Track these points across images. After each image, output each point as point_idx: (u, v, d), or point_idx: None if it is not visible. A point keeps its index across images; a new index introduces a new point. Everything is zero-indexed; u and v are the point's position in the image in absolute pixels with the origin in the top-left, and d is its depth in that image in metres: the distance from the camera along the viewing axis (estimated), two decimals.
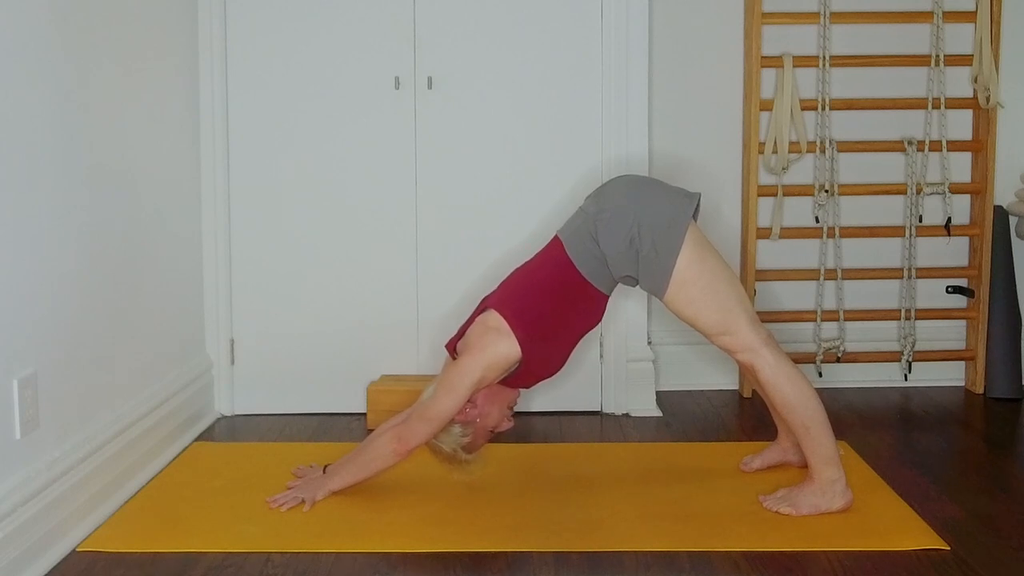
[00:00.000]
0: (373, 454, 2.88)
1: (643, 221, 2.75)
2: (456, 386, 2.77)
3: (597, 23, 3.74)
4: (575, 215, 2.92)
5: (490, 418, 2.89)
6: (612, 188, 2.90)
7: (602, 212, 2.80)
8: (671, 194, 2.84)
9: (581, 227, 2.83)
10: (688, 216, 2.79)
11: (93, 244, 2.86)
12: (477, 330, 2.82)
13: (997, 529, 2.73)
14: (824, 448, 2.79)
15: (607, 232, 2.78)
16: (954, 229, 4.05)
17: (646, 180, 2.90)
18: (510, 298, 2.84)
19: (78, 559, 2.56)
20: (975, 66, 3.93)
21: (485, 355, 2.77)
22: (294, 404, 3.83)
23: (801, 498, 2.79)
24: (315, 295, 3.81)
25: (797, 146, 3.98)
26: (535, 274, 2.88)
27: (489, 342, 2.78)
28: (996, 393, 4.00)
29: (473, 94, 3.76)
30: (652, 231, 2.75)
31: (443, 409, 2.78)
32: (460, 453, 2.87)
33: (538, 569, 2.50)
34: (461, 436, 2.86)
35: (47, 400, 2.58)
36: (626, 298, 3.77)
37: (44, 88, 2.60)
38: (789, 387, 2.78)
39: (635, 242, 2.75)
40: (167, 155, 3.47)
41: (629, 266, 2.79)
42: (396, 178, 3.78)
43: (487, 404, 2.87)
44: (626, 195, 2.83)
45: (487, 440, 2.95)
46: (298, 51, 3.74)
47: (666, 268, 2.75)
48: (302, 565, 2.52)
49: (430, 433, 2.81)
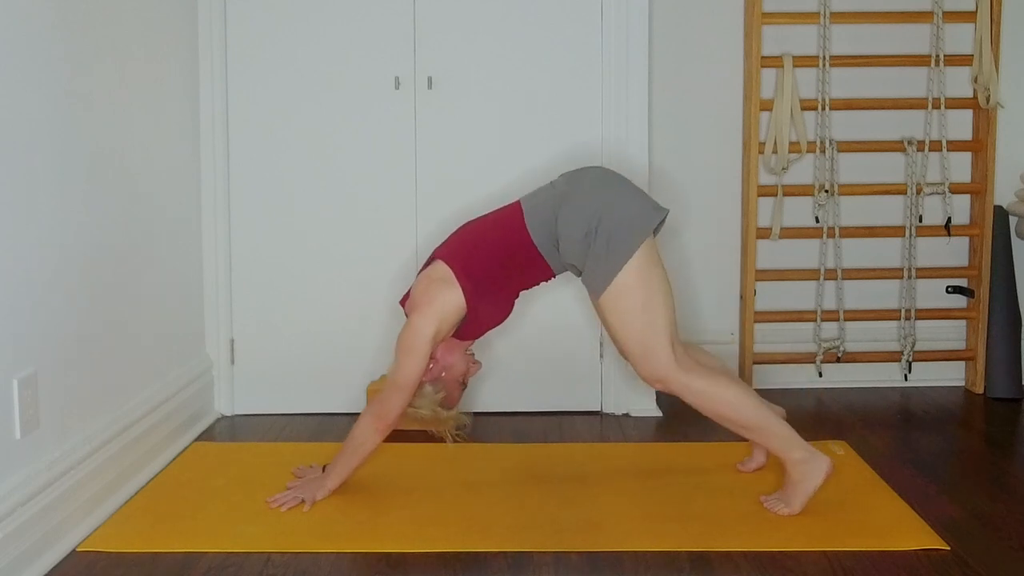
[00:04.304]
0: (359, 439, 2.87)
1: (605, 217, 2.73)
2: (414, 346, 2.77)
3: (597, 23, 3.75)
4: (543, 188, 2.91)
5: (455, 368, 2.90)
6: (588, 175, 2.89)
7: (570, 195, 2.80)
8: (642, 201, 2.82)
9: (546, 201, 2.83)
10: (650, 227, 2.77)
11: (93, 244, 2.86)
12: (421, 285, 2.83)
13: (997, 529, 2.73)
14: (776, 437, 2.79)
15: (568, 215, 2.76)
16: (954, 229, 4.05)
17: (623, 180, 2.88)
18: (459, 251, 2.85)
19: (78, 559, 2.56)
20: (975, 66, 3.93)
21: (434, 307, 2.78)
22: (294, 404, 3.83)
23: (790, 493, 2.79)
24: (315, 295, 3.81)
25: (797, 146, 3.98)
26: (488, 234, 2.87)
27: (436, 293, 2.79)
28: (996, 393, 4.00)
29: (473, 94, 3.76)
30: (610, 230, 2.73)
31: (409, 372, 2.78)
32: (440, 411, 2.87)
33: (538, 569, 2.50)
34: (435, 394, 2.86)
35: (47, 400, 2.58)
36: None
37: (44, 88, 2.60)
38: (708, 404, 2.79)
39: (590, 235, 2.73)
40: (167, 155, 3.47)
41: (578, 256, 2.77)
42: (396, 178, 3.78)
43: (447, 355, 2.87)
44: (599, 186, 2.82)
45: (462, 389, 2.95)
46: (298, 51, 3.74)
47: (611, 270, 2.73)
48: (302, 565, 2.52)
49: (404, 400, 2.81)
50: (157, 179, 3.37)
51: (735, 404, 2.79)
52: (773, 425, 2.80)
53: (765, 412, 2.81)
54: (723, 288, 4.11)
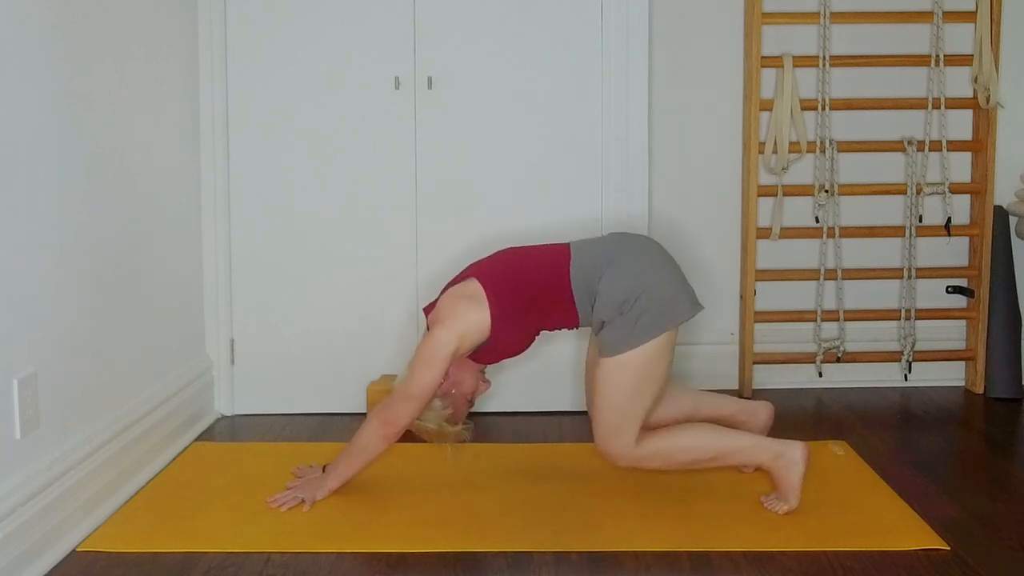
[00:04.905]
0: (363, 443, 2.87)
1: (645, 294, 2.75)
2: (433, 359, 2.77)
3: (597, 23, 3.74)
4: (596, 241, 2.93)
5: (465, 385, 2.90)
6: (639, 244, 2.90)
7: (619, 259, 2.81)
8: (683, 291, 2.84)
9: (595, 257, 2.84)
10: (682, 320, 2.81)
11: (93, 244, 2.86)
12: (450, 299, 2.83)
13: (997, 529, 2.73)
14: (742, 452, 2.82)
15: (612, 278, 2.78)
16: (954, 229, 4.05)
17: (671, 262, 2.89)
18: (496, 275, 2.85)
19: (78, 559, 2.56)
20: (975, 66, 3.93)
21: (458, 323, 2.78)
22: (294, 404, 3.83)
23: (782, 490, 2.80)
24: (315, 295, 3.81)
25: (797, 146, 3.98)
26: (529, 266, 2.87)
27: (463, 310, 2.79)
28: (996, 393, 4.00)
29: (473, 94, 3.76)
30: (645, 308, 2.75)
31: (424, 384, 2.78)
32: (446, 427, 2.88)
33: (538, 569, 2.50)
34: (442, 409, 2.87)
35: (47, 400, 2.58)
36: None
37: (44, 88, 2.60)
38: (665, 461, 2.83)
39: (627, 304, 2.76)
40: (167, 155, 3.47)
41: (607, 316, 2.79)
42: (396, 178, 3.78)
43: (458, 372, 2.88)
44: (649, 261, 2.84)
45: (468, 407, 2.95)
46: (298, 51, 3.74)
47: (628, 343, 2.75)
48: (302, 565, 2.52)
49: (415, 411, 2.81)
50: (157, 179, 3.37)
51: (690, 446, 2.82)
52: (734, 443, 2.83)
53: (722, 437, 2.84)
54: (723, 288, 4.11)
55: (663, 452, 2.81)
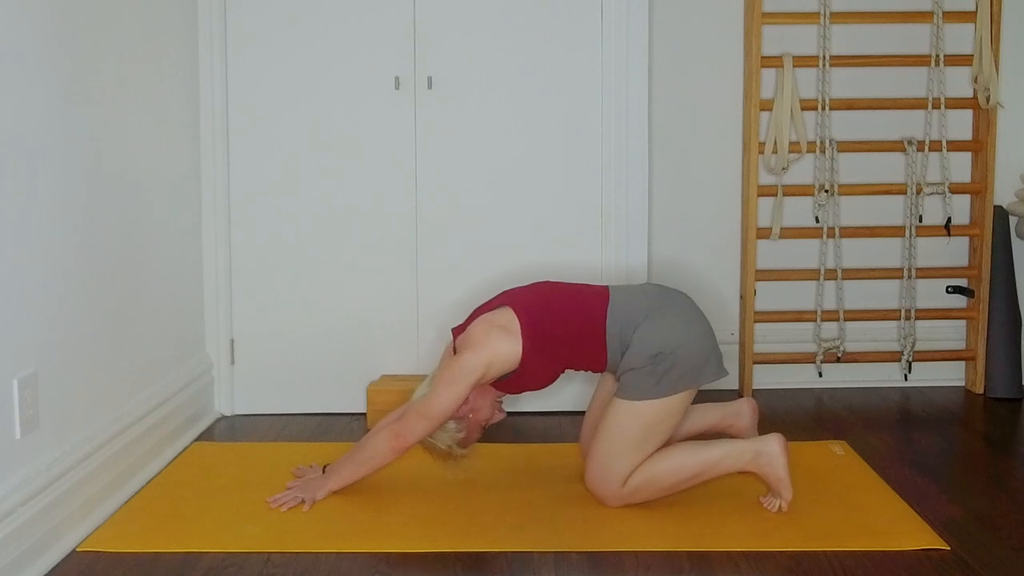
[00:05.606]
0: (371, 452, 2.88)
1: (676, 352, 2.76)
2: (457, 381, 2.77)
3: (597, 23, 3.74)
4: (635, 290, 2.93)
5: (482, 412, 2.90)
6: (682, 303, 2.90)
7: (657, 314, 2.82)
8: (715, 354, 2.86)
9: (633, 306, 2.84)
10: (707, 381, 2.83)
11: (93, 244, 2.86)
12: (482, 327, 2.82)
13: (997, 529, 2.73)
14: (723, 463, 2.82)
15: (648, 331, 2.79)
16: (954, 229, 4.05)
17: (707, 324, 2.89)
18: (532, 307, 2.84)
19: (78, 559, 2.56)
20: (975, 66, 3.93)
21: (488, 351, 2.77)
22: (294, 404, 3.83)
23: (775, 486, 2.81)
24: (315, 295, 3.81)
25: (797, 146, 3.98)
26: (566, 303, 2.87)
27: (495, 339, 2.78)
28: (996, 393, 4.00)
29: (473, 94, 3.76)
30: (674, 364, 2.76)
31: (443, 405, 2.78)
32: (455, 449, 2.88)
33: (538, 569, 2.50)
34: (456, 432, 2.86)
35: (47, 400, 2.58)
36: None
37: (44, 88, 2.60)
38: (651, 491, 2.81)
39: (659, 357, 2.76)
40: (167, 155, 3.47)
41: (635, 365, 2.79)
42: (396, 178, 3.78)
43: (478, 398, 2.87)
44: (688, 321, 2.84)
45: (481, 434, 2.95)
46: (298, 51, 3.74)
47: (649, 393, 2.76)
48: (302, 565, 2.52)
49: (429, 429, 2.82)
50: (157, 179, 3.37)
51: (671, 468, 2.81)
52: (712, 455, 2.83)
53: (698, 452, 2.84)
54: (723, 288, 4.11)
55: (648, 482, 2.80)
